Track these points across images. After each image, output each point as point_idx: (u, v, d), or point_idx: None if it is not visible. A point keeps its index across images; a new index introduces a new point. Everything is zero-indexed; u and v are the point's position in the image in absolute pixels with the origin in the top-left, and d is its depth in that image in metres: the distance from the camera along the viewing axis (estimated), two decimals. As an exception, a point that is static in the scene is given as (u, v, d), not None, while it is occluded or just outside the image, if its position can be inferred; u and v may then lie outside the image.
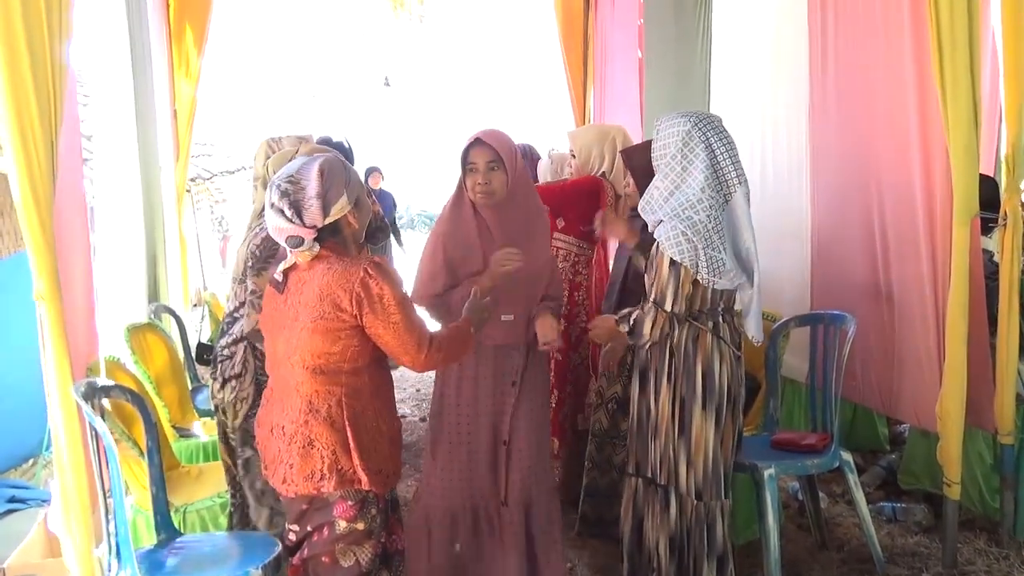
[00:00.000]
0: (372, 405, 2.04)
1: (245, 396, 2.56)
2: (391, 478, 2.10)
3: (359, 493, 2.02)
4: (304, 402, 1.99)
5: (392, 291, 1.96)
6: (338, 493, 2.00)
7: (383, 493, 2.08)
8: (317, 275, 1.97)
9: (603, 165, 3.38)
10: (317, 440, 1.97)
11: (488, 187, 2.46)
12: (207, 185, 9.24)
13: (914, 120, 2.90)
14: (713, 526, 2.47)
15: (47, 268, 2.30)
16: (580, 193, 3.35)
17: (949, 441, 2.78)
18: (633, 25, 5.18)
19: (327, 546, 2.03)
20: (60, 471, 2.39)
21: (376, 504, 2.06)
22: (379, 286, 1.95)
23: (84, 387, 2.25)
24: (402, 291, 2.01)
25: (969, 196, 2.66)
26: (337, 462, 1.97)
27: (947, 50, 2.59)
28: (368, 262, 1.97)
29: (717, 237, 2.32)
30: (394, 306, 1.97)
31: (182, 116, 4.60)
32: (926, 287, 2.91)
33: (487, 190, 2.46)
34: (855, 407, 3.77)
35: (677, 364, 2.44)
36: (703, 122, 2.38)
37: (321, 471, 1.97)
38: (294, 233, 1.94)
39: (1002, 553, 2.95)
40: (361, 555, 2.04)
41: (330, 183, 1.95)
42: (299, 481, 2.00)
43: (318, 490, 1.99)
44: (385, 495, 2.10)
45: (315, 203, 1.92)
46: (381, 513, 2.08)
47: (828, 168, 3.49)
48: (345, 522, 2.02)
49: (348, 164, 2.06)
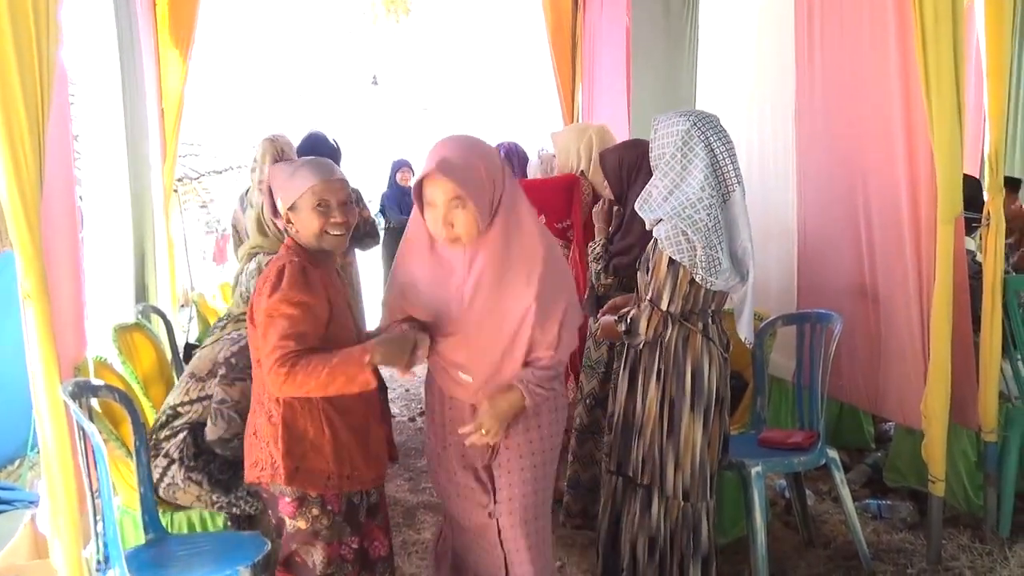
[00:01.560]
0: (317, 404, 1.96)
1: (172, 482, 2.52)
2: (336, 480, 1.98)
3: (297, 491, 1.97)
4: (257, 393, 2.04)
5: (269, 293, 1.89)
6: (279, 487, 1.98)
7: (327, 495, 1.99)
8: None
9: (581, 163, 3.40)
10: (259, 431, 2.01)
11: (452, 231, 1.94)
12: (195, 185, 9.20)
13: (899, 120, 2.93)
14: (699, 527, 2.48)
15: (34, 267, 2.29)
16: (555, 190, 3.38)
17: (933, 438, 2.81)
18: (621, 25, 5.20)
19: (289, 544, 2.02)
20: (47, 471, 2.38)
21: (320, 505, 1.99)
22: (262, 284, 1.94)
23: (72, 387, 2.25)
24: (283, 296, 1.87)
25: (953, 195, 2.69)
26: (272, 456, 1.97)
27: (931, 51, 2.62)
28: (274, 259, 1.99)
29: (715, 237, 2.32)
30: (260, 309, 1.90)
31: (169, 116, 4.58)
32: (911, 286, 2.94)
33: (451, 235, 1.94)
34: (841, 405, 3.80)
35: (667, 364, 2.45)
36: (702, 121, 2.38)
37: (261, 462, 2.00)
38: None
39: (985, 549, 2.98)
40: (314, 557, 1.99)
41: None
42: (248, 468, 2.05)
43: (258, 480, 2.01)
44: (335, 497, 2.00)
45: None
46: (329, 515, 1.99)
47: (814, 168, 3.52)
48: (288, 519, 2.00)
49: (296, 167, 2.03)
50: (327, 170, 2.02)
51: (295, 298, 1.88)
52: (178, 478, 2.49)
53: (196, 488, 2.50)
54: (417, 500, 3.67)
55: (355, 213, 2.10)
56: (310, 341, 1.87)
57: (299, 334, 1.86)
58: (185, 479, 2.49)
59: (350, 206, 2.04)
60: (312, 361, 1.83)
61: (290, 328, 1.85)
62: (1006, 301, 2.95)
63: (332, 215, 1.98)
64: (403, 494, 3.74)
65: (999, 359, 2.89)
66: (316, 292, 1.92)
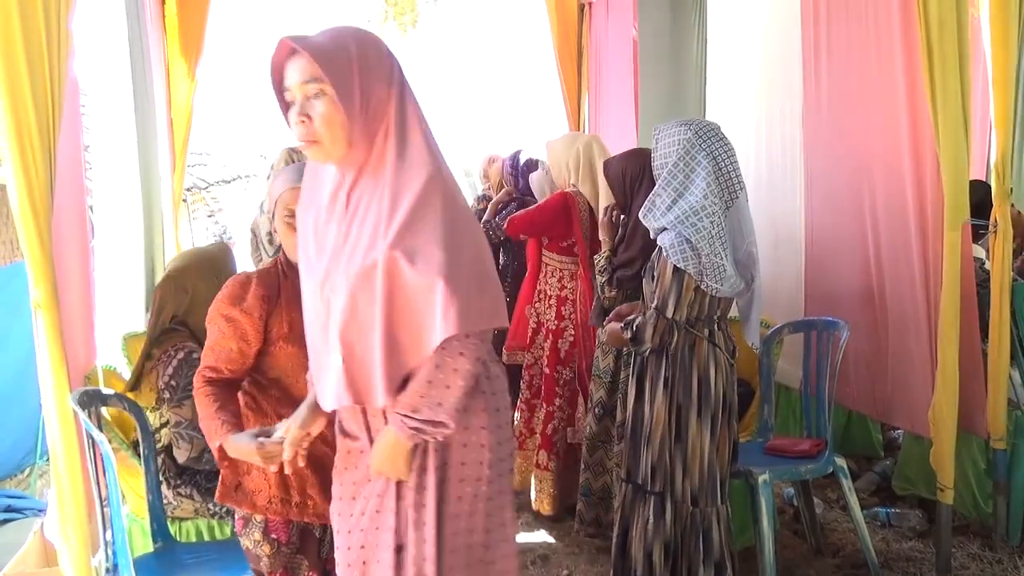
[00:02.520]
0: (267, 419, 1.87)
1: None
2: (278, 506, 1.86)
3: (241, 510, 1.91)
4: None
5: (216, 301, 1.84)
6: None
7: (269, 520, 1.88)
8: None
9: (571, 177, 3.42)
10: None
11: (309, 127, 1.47)
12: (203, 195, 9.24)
13: (905, 127, 2.93)
14: (709, 532, 2.47)
15: (45, 277, 2.31)
16: (552, 213, 3.41)
17: (942, 446, 2.80)
18: (628, 34, 5.21)
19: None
20: (56, 480, 2.40)
21: (262, 530, 1.88)
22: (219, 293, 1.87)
23: (81, 395, 2.26)
24: (217, 306, 1.82)
25: (959, 202, 2.69)
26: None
27: (936, 58, 2.62)
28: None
29: (719, 243, 2.33)
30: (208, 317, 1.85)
31: (179, 125, 4.60)
32: (918, 293, 2.93)
33: (308, 133, 1.47)
34: (849, 413, 3.79)
35: (674, 371, 2.45)
36: (704, 130, 2.40)
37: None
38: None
39: (995, 557, 2.96)
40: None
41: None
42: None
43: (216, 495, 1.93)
44: (281, 524, 1.88)
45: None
46: (272, 544, 1.88)
47: (821, 176, 3.52)
48: (240, 535, 1.93)
49: (276, 174, 1.95)
50: (299, 176, 1.75)
51: (224, 311, 1.81)
52: (170, 496, 2.52)
53: (190, 502, 2.52)
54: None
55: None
56: (231, 364, 1.81)
57: (221, 354, 1.81)
58: (176, 496, 2.52)
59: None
60: (203, 402, 1.78)
61: (215, 344, 1.82)
62: (1014, 308, 2.94)
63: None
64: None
65: (1007, 366, 2.88)
66: (249, 310, 1.80)
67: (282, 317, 1.83)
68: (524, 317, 3.60)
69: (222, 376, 1.83)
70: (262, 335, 1.83)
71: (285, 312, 1.84)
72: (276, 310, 1.83)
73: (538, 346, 3.54)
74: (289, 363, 1.84)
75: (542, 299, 3.52)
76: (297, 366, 1.82)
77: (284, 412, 1.80)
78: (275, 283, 1.86)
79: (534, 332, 3.55)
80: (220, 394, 1.80)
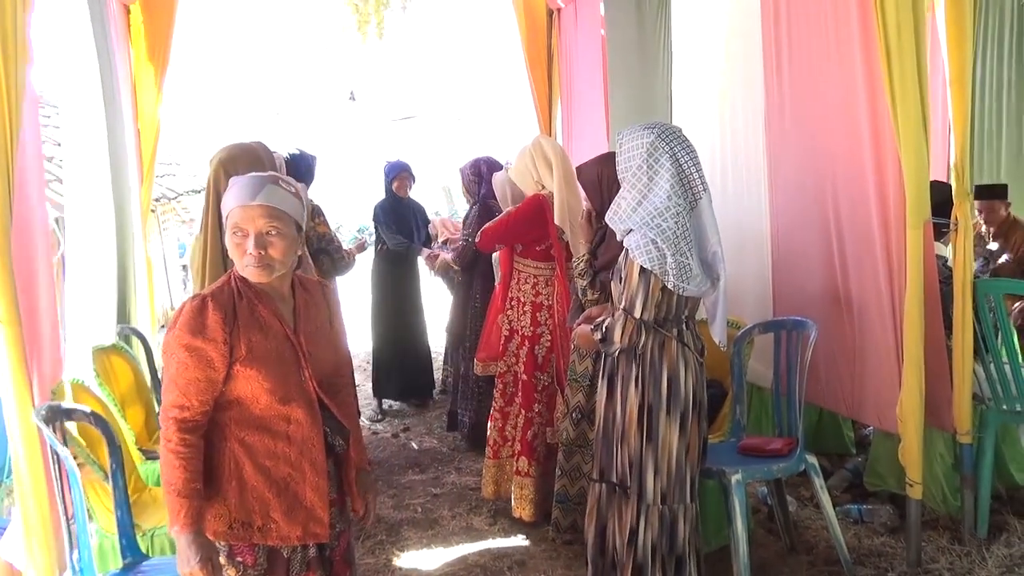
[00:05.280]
0: (229, 444, 1.81)
1: None
2: (240, 530, 1.80)
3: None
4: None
5: (169, 328, 1.76)
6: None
7: (233, 544, 1.82)
8: None
9: (535, 173, 3.41)
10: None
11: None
12: (173, 205, 9.14)
13: (866, 128, 2.98)
14: (675, 528, 2.49)
15: (6, 292, 2.28)
16: (527, 216, 3.41)
17: (910, 442, 2.84)
18: (597, 39, 5.25)
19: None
20: (21, 497, 2.36)
21: (228, 555, 1.82)
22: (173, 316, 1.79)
23: (45, 411, 2.23)
24: (175, 336, 1.74)
25: (921, 200, 2.74)
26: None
27: (895, 60, 2.67)
28: (204, 291, 1.84)
29: (685, 243, 2.36)
30: (164, 342, 1.77)
31: (147, 136, 4.56)
32: (883, 291, 2.98)
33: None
34: (821, 411, 3.84)
35: (643, 371, 2.47)
36: (666, 132, 2.43)
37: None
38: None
39: (964, 550, 3.01)
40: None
41: None
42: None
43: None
44: (246, 548, 1.82)
45: None
46: (238, 567, 1.82)
47: (785, 177, 3.56)
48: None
49: (229, 185, 1.84)
50: (247, 192, 1.75)
51: (184, 340, 1.73)
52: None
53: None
54: (401, 516, 3.66)
55: (288, 244, 1.79)
56: (200, 395, 1.74)
57: (189, 387, 1.73)
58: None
59: (279, 235, 1.76)
60: (171, 463, 1.72)
61: (178, 377, 1.73)
62: (976, 305, 3.00)
63: (246, 247, 1.74)
64: (386, 511, 3.72)
65: (971, 362, 2.93)
66: (212, 336, 1.73)
67: (240, 339, 1.76)
68: (497, 327, 3.60)
69: (193, 415, 1.75)
70: (228, 359, 1.75)
71: (243, 333, 1.77)
72: (235, 331, 1.77)
73: (511, 353, 3.54)
74: (248, 386, 1.78)
75: (514, 306, 3.52)
76: (257, 389, 1.78)
77: (243, 435, 1.79)
78: (231, 303, 1.79)
79: (507, 340, 3.55)
80: (191, 457, 1.73)
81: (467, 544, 3.37)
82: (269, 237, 1.76)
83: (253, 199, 1.74)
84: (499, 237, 3.49)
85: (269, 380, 1.78)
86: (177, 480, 1.71)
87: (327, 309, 1.98)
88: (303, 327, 1.88)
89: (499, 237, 3.49)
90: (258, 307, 1.81)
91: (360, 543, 3.35)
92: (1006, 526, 3.15)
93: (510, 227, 3.45)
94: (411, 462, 4.38)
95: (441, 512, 3.69)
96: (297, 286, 1.93)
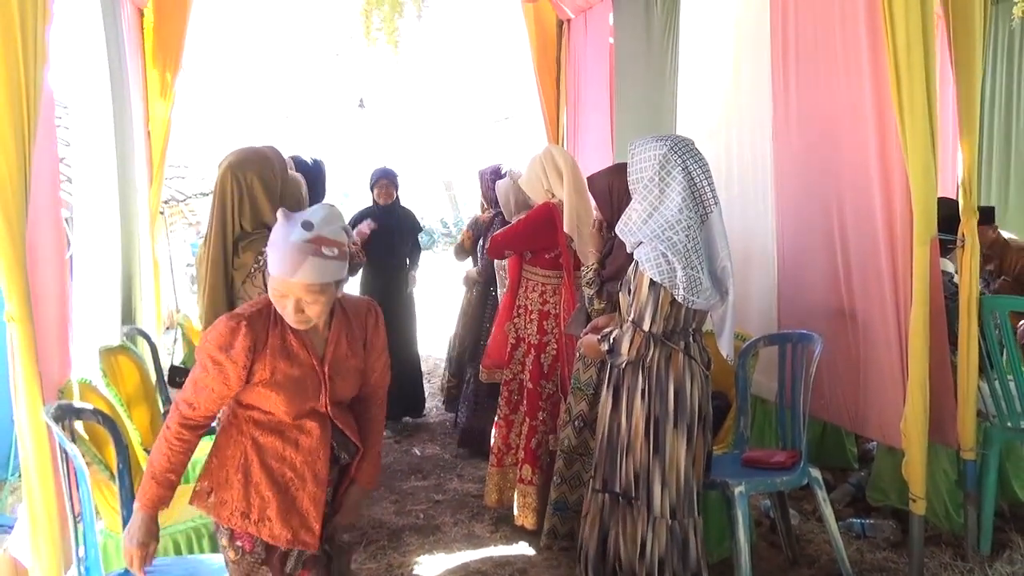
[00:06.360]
0: (245, 434, 1.91)
1: None
2: (240, 520, 1.88)
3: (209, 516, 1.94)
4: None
5: (207, 332, 1.87)
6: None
7: (235, 529, 1.90)
8: None
9: (545, 182, 3.43)
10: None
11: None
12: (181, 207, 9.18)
13: (873, 144, 2.99)
14: (687, 544, 2.49)
15: (18, 290, 2.30)
16: (537, 224, 3.42)
17: (913, 457, 2.84)
18: (605, 49, 5.28)
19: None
20: (29, 495, 2.37)
21: (229, 537, 1.91)
22: (215, 320, 1.88)
23: (55, 409, 2.24)
24: (205, 344, 1.83)
25: (928, 217, 2.74)
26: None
27: (904, 76, 2.68)
28: (247, 306, 1.92)
29: (695, 257, 2.37)
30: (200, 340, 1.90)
31: (156, 138, 4.59)
32: (888, 306, 2.98)
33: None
34: (825, 425, 3.84)
35: (650, 383, 2.47)
36: (679, 145, 2.44)
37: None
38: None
39: (967, 567, 3.01)
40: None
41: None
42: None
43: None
44: (246, 534, 1.90)
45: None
46: (237, 551, 1.91)
47: (792, 192, 3.57)
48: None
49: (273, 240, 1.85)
50: (287, 266, 1.75)
51: (212, 352, 1.81)
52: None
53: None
54: (403, 523, 3.66)
55: (323, 303, 1.83)
56: (208, 403, 1.86)
57: (202, 392, 1.84)
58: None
59: (317, 301, 1.80)
60: (162, 448, 1.87)
61: (199, 379, 1.84)
62: (982, 321, 3.00)
63: (286, 307, 1.81)
64: (388, 516, 3.72)
65: (976, 378, 2.94)
66: (235, 358, 1.81)
67: (265, 364, 1.84)
68: (504, 334, 3.61)
69: (197, 416, 1.87)
70: (244, 381, 1.84)
71: (269, 360, 1.84)
72: (260, 357, 1.84)
73: (517, 361, 3.55)
74: (267, 401, 1.88)
75: (522, 314, 3.53)
76: (274, 405, 1.87)
77: (257, 433, 1.90)
78: (264, 329, 1.85)
79: (513, 347, 3.56)
80: (180, 451, 1.87)
81: (469, 551, 3.37)
82: (308, 303, 1.81)
83: (293, 276, 1.76)
84: (509, 244, 3.51)
85: (285, 403, 1.87)
86: (159, 465, 1.87)
87: (365, 332, 2.00)
88: (332, 354, 1.93)
89: (509, 244, 3.51)
90: (289, 336, 1.88)
91: (362, 548, 3.35)
92: (1009, 543, 3.15)
93: (520, 234, 3.47)
94: (413, 468, 4.39)
95: (443, 519, 3.70)
96: (337, 311, 1.96)
